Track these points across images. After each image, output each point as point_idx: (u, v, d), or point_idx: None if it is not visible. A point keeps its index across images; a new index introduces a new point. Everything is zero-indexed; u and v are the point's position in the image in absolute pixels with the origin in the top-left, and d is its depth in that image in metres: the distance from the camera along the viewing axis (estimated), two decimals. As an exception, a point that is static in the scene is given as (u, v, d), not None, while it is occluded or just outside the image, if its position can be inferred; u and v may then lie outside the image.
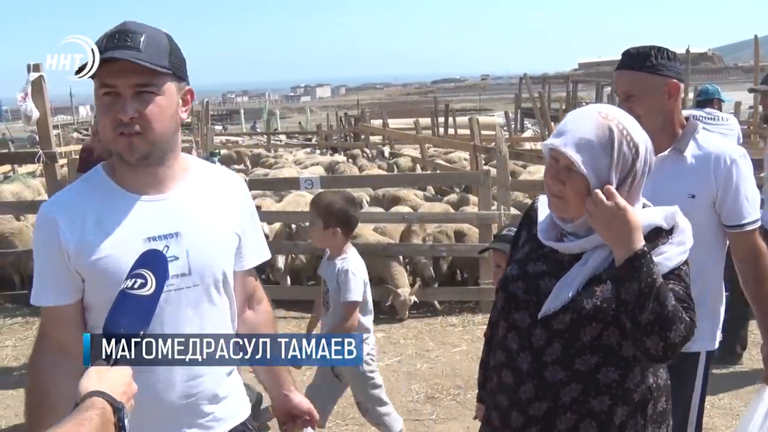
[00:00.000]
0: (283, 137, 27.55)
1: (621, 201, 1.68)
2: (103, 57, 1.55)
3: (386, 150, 15.09)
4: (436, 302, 6.60)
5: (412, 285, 6.64)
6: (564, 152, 1.70)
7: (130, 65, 1.56)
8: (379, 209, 7.69)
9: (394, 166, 12.97)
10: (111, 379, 1.32)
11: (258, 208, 7.34)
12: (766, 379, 2.52)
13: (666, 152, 2.38)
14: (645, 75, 2.33)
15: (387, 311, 6.41)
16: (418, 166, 13.13)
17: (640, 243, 1.67)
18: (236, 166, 14.46)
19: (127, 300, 1.45)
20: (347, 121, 25.35)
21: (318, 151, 19.61)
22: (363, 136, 19.71)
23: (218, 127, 39.34)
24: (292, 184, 7.54)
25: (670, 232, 1.78)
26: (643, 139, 1.77)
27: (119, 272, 1.58)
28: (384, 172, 11.93)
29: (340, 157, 14.88)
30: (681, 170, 2.36)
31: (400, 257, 6.61)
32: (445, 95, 69.19)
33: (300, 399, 2.04)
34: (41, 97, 5.82)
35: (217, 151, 16.26)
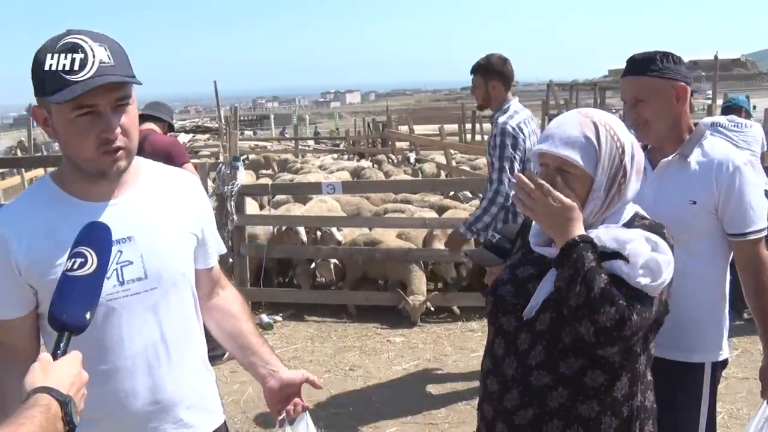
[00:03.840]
0: (311, 142, 27.72)
1: (557, 195, 1.71)
2: (99, 84, 1.49)
3: (412, 156, 15.10)
4: (455, 307, 6.60)
5: (435, 289, 6.68)
6: (555, 153, 1.73)
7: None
8: (402, 214, 7.71)
9: (419, 171, 12.98)
10: (57, 372, 1.27)
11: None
12: (762, 394, 2.47)
13: (670, 157, 2.37)
14: (652, 79, 2.32)
15: (407, 315, 6.44)
16: (442, 172, 13.12)
17: (575, 232, 1.69)
18: (264, 171, 14.60)
19: (68, 283, 1.39)
20: (375, 127, 25.42)
21: (345, 157, 19.70)
22: (390, 142, 19.76)
23: (249, 132, 39.72)
24: (314, 188, 7.59)
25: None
26: (628, 138, 1.79)
27: None
28: (409, 178, 11.95)
29: (366, 163, 14.94)
30: (684, 176, 2.34)
31: (421, 262, 6.63)
32: (474, 101, 68.88)
33: (291, 373, 1.94)
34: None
35: (245, 156, 16.43)
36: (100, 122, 1.54)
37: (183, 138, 25.15)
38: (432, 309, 6.48)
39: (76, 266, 1.40)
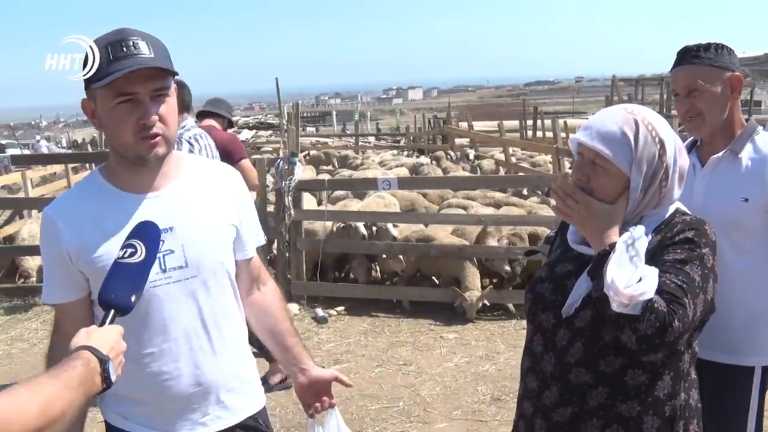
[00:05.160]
0: (371, 139, 27.86)
1: (586, 200, 1.73)
2: (140, 67, 1.59)
3: (471, 152, 15.03)
4: (510, 305, 6.57)
5: (491, 284, 6.65)
6: (591, 145, 1.73)
7: (147, 71, 1.62)
8: (461, 210, 7.71)
9: (477, 168, 12.92)
10: (99, 336, 1.40)
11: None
12: None
13: (720, 154, 2.32)
14: (708, 68, 2.27)
15: (462, 312, 6.44)
16: (501, 169, 13.03)
17: (610, 239, 1.68)
18: (324, 167, 14.77)
19: (119, 269, 1.53)
20: (435, 124, 25.37)
21: (405, 153, 19.73)
22: (450, 139, 19.72)
23: (311, 129, 40.18)
24: (370, 184, 7.65)
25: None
26: (670, 137, 1.76)
27: None
28: (467, 174, 11.91)
29: (424, 159, 14.95)
30: (735, 173, 2.29)
31: (475, 259, 6.62)
32: (537, 98, 68.12)
33: (321, 371, 2.04)
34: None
35: (306, 153, 16.62)
36: (139, 109, 1.65)
37: (246, 134, 25.62)
38: (488, 305, 6.46)
39: (126, 255, 1.56)
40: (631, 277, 1.58)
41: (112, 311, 1.50)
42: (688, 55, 2.31)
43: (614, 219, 1.73)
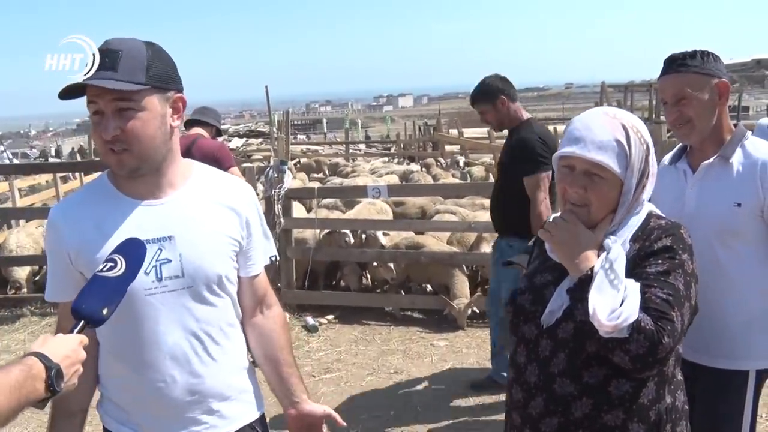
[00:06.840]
0: (362, 146, 27.88)
1: (574, 220, 1.75)
2: (74, 84, 1.60)
3: (461, 159, 15.06)
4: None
5: (483, 292, 6.63)
6: (589, 157, 1.70)
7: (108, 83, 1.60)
8: (454, 217, 7.68)
9: (468, 175, 12.94)
10: (54, 344, 1.40)
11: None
12: None
13: (711, 159, 2.32)
14: (695, 76, 2.28)
15: (452, 320, 6.41)
16: (491, 176, 13.05)
17: (588, 263, 1.68)
18: (315, 175, 14.76)
19: (96, 281, 1.54)
20: (426, 130, 25.41)
21: (396, 160, 19.75)
22: (440, 145, 19.76)
23: (302, 136, 40.21)
24: (360, 192, 7.63)
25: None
26: (650, 138, 1.79)
27: None
28: (458, 181, 11.92)
29: (414, 166, 14.97)
30: (727, 178, 2.29)
31: (464, 266, 6.60)
32: (527, 104, 68.38)
33: (313, 406, 2.01)
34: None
35: (297, 160, 16.61)
36: (102, 122, 1.65)
37: (237, 142, 25.57)
38: (477, 312, 6.44)
39: (106, 269, 1.56)
40: (613, 301, 1.59)
41: (82, 322, 1.50)
42: (674, 64, 2.32)
43: (593, 243, 1.73)
